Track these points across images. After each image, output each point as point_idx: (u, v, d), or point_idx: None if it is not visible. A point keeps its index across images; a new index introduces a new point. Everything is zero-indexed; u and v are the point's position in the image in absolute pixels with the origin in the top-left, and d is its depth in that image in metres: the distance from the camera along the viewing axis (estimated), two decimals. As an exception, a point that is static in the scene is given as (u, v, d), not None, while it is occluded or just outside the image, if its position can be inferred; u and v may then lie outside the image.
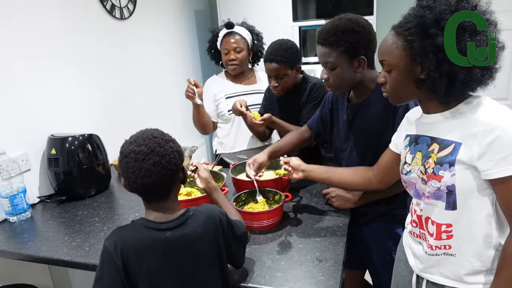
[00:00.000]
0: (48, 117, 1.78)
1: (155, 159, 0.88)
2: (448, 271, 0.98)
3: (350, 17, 1.27)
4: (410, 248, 1.11)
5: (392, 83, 0.98)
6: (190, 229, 0.92)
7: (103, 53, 2.16)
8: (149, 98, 2.64)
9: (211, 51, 2.13)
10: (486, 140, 0.84)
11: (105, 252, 0.89)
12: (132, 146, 0.89)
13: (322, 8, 2.92)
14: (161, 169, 0.88)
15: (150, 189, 0.90)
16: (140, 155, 0.88)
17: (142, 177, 0.87)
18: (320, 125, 1.58)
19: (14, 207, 1.49)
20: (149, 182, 0.88)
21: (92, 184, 1.75)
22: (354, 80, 1.31)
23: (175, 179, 0.94)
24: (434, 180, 0.93)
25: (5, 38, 1.58)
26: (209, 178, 1.17)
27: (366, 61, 1.27)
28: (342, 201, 1.43)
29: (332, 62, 1.27)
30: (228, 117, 2.02)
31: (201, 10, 3.51)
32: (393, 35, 0.95)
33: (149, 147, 0.89)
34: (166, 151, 0.90)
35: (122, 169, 0.91)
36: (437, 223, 0.96)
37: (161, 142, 0.91)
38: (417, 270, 1.06)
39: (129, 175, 0.88)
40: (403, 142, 1.09)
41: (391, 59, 0.95)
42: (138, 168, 0.87)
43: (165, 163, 0.89)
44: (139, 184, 0.88)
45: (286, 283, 1.03)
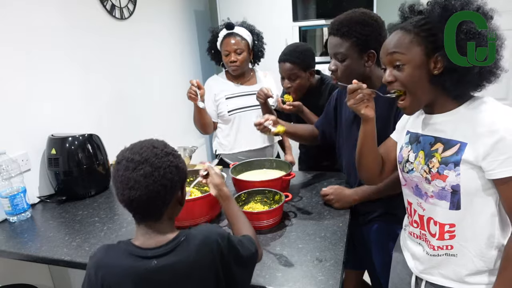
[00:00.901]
0: (48, 117, 1.78)
1: (147, 170, 0.77)
2: (449, 271, 0.98)
3: (364, 11, 1.28)
4: (408, 249, 1.10)
5: (403, 79, 0.94)
6: (179, 256, 0.79)
7: (103, 53, 2.16)
8: (149, 98, 2.64)
9: (211, 51, 2.12)
10: (491, 140, 0.85)
11: (88, 272, 0.83)
12: (126, 153, 0.81)
13: (322, 8, 2.92)
14: (152, 182, 0.77)
15: (137, 205, 0.79)
16: (131, 164, 0.78)
17: (129, 188, 0.77)
18: (326, 124, 1.59)
19: (14, 207, 1.49)
20: (136, 196, 0.77)
21: (92, 184, 1.75)
22: (362, 74, 1.30)
23: (169, 198, 0.82)
24: (438, 179, 0.93)
25: (5, 38, 1.58)
26: (221, 185, 1.05)
27: (375, 56, 1.27)
28: (341, 202, 1.42)
29: (342, 53, 1.27)
30: (228, 117, 2.02)
31: (201, 10, 3.51)
32: (403, 33, 0.93)
33: (143, 156, 0.79)
34: (162, 164, 0.79)
35: (112, 177, 0.81)
36: (440, 223, 0.96)
37: (159, 153, 0.81)
38: (417, 272, 1.06)
39: (117, 184, 0.79)
40: (404, 137, 1.09)
41: (407, 53, 0.92)
42: (126, 177, 0.77)
43: (157, 176, 0.78)
44: (126, 197, 0.78)
45: (286, 283, 1.03)
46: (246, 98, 2.03)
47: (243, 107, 2.02)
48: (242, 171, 1.69)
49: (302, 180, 1.75)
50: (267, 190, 1.44)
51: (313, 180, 1.75)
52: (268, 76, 2.17)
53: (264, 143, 2.08)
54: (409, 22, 0.94)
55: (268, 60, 3.15)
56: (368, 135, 1.11)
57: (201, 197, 1.37)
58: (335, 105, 1.53)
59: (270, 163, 1.73)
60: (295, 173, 1.60)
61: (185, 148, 1.97)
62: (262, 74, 2.16)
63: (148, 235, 0.82)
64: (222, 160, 2.10)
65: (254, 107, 2.01)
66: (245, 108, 2.03)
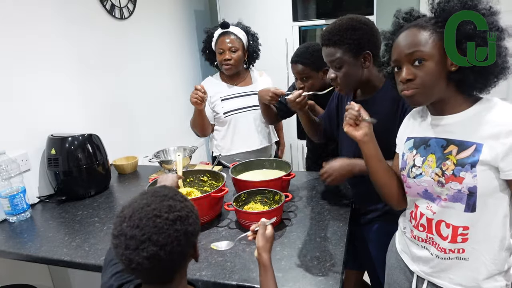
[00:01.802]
0: (48, 117, 1.78)
1: (151, 251, 0.66)
2: (459, 276, 0.97)
3: (351, 16, 1.29)
4: (410, 253, 1.09)
5: (424, 76, 0.91)
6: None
7: (103, 53, 2.16)
8: (149, 98, 2.64)
9: (206, 51, 2.11)
10: (510, 139, 0.84)
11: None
12: (123, 226, 0.68)
13: (322, 8, 2.92)
14: (158, 262, 0.67)
15: (143, 275, 0.72)
16: (131, 242, 0.67)
17: (132, 269, 0.68)
18: (327, 122, 1.59)
19: (14, 207, 1.49)
20: (141, 273, 0.70)
21: (92, 184, 1.74)
22: (361, 77, 1.31)
23: (180, 265, 0.74)
24: (454, 182, 0.91)
25: (5, 38, 1.58)
26: (262, 249, 0.92)
27: (371, 55, 1.27)
28: (334, 174, 1.37)
29: (338, 60, 1.28)
30: (224, 119, 2.00)
31: (201, 10, 3.51)
32: (419, 30, 0.91)
33: (144, 232, 0.67)
34: (168, 239, 0.68)
35: (111, 242, 0.71)
36: (453, 225, 0.94)
37: (163, 225, 0.68)
38: (423, 275, 1.04)
39: (119, 258, 0.69)
40: (404, 145, 1.08)
41: (428, 48, 0.90)
42: (127, 258, 0.67)
43: (163, 255, 0.67)
44: (129, 270, 0.70)
45: (286, 283, 1.03)
46: (241, 99, 2.01)
47: (239, 108, 2.01)
48: (242, 171, 1.69)
49: (302, 180, 1.75)
50: (267, 190, 1.44)
51: (313, 180, 1.75)
52: (264, 75, 2.16)
53: (262, 144, 2.07)
54: (423, 20, 0.93)
55: (268, 60, 3.17)
56: (367, 157, 1.10)
57: (201, 197, 1.37)
58: (337, 104, 1.53)
59: (270, 163, 1.73)
60: (295, 173, 1.60)
61: (185, 148, 1.97)
62: (257, 73, 2.14)
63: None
64: (219, 162, 2.09)
65: (250, 108, 2.00)
66: (241, 109, 2.01)
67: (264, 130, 2.10)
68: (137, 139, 2.44)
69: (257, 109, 2.01)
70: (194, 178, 1.63)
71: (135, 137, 2.43)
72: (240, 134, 2.03)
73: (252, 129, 2.04)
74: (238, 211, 1.33)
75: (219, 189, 1.38)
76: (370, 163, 1.11)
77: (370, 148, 1.09)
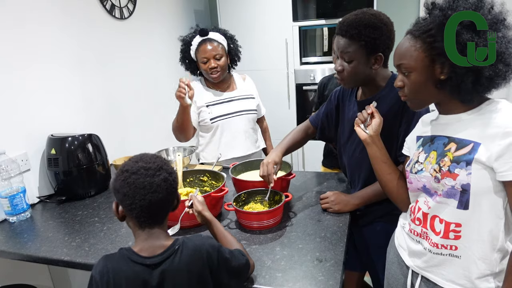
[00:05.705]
0: (48, 117, 1.78)
1: (164, 175, 0.90)
2: (451, 273, 0.98)
3: (374, 13, 1.26)
4: (406, 247, 1.10)
5: (411, 86, 0.98)
6: (172, 265, 0.88)
7: (103, 53, 2.16)
8: (149, 97, 2.64)
9: (185, 61, 2.01)
10: (505, 141, 0.85)
11: (93, 281, 0.89)
12: (140, 163, 0.90)
13: (322, 8, 2.92)
14: (169, 185, 0.90)
15: (156, 206, 0.89)
16: (150, 171, 0.89)
17: (152, 192, 0.87)
18: (325, 122, 1.58)
19: (14, 207, 1.49)
20: (158, 198, 0.88)
21: (92, 184, 1.74)
22: (367, 76, 1.30)
23: (174, 200, 0.96)
24: (448, 178, 0.93)
25: (5, 37, 1.58)
26: (203, 211, 1.12)
27: (383, 59, 1.26)
28: (341, 204, 1.40)
29: (350, 54, 1.26)
30: (211, 125, 1.95)
31: (201, 10, 3.51)
32: (410, 39, 0.96)
33: (157, 164, 0.91)
34: (171, 170, 0.93)
35: (128, 187, 0.87)
36: (446, 221, 0.96)
37: (164, 161, 0.94)
38: (417, 269, 1.06)
39: (138, 191, 0.87)
40: (415, 144, 1.09)
41: (410, 61, 0.95)
42: (149, 183, 0.87)
43: (171, 180, 0.92)
44: (147, 201, 0.87)
45: (286, 283, 1.03)
46: (227, 105, 1.96)
47: (225, 114, 1.95)
48: (242, 171, 1.69)
49: (302, 180, 1.75)
50: (267, 190, 1.44)
51: (313, 180, 1.75)
52: (247, 79, 2.11)
53: (249, 150, 2.02)
54: (418, 26, 0.95)
55: (268, 60, 3.17)
56: (371, 158, 1.20)
57: (201, 197, 1.37)
58: (337, 104, 1.52)
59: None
60: (295, 173, 1.60)
61: (185, 148, 1.97)
62: (240, 77, 2.09)
63: (148, 241, 0.90)
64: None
65: (236, 113, 1.96)
66: (227, 115, 1.96)
67: (252, 136, 2.05)
68: (137, 139, 2.44)
69: (243, 114, 1.97)
70: (194, 178, 1.63)
71: (135, 137, 2.43)
72: (226, 140, 1.97)
73: (239, 135, 1.99)
74: (238, 211, 1.33)
75: (219, 189, 1.38)
76: (374, 163, 1.20)
77: (374, 150, 1.18)
